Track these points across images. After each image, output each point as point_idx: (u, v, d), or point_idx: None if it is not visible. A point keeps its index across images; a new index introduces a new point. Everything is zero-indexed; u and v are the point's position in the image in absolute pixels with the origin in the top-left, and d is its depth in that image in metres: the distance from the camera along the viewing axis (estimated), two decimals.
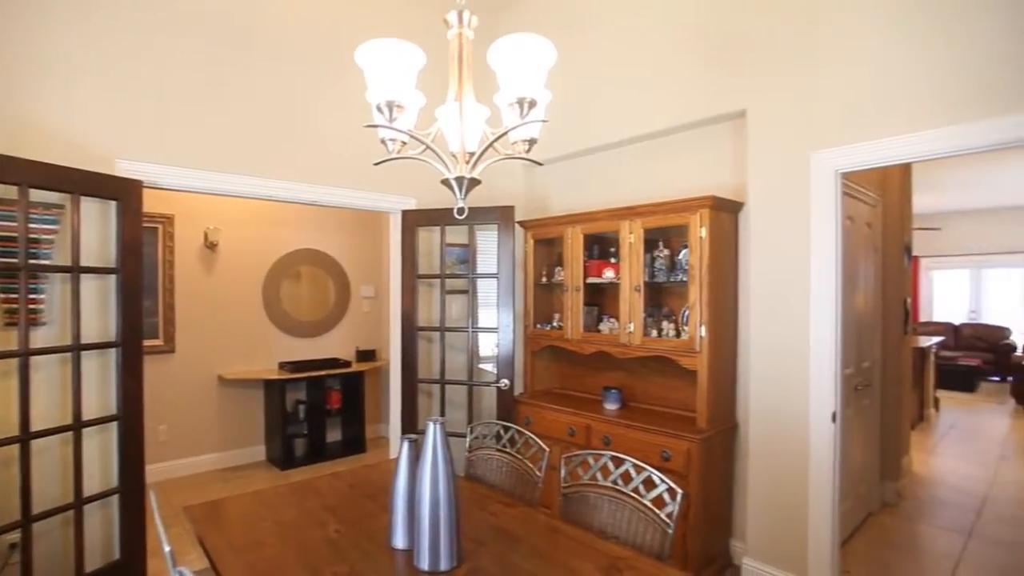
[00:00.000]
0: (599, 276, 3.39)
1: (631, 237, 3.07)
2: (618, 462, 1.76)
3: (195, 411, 4.60)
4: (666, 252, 3.11)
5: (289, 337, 5.09)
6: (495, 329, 3.61)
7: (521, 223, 3.77)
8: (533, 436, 2.14)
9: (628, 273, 3.09)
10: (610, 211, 3.19)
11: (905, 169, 4.01)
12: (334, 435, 5.23)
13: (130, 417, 2.61)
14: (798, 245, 2.62)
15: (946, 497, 3.98)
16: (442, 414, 3.68)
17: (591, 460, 1.83)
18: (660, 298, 3.31)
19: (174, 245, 4.47)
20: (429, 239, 3.87)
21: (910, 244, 4.31)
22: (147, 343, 4.10)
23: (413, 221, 3.73)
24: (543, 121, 1.32)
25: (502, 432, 2.28)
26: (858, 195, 3.23)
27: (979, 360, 8.45)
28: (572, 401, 3.52)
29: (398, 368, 3.78)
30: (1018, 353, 8.52)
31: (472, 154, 1.38)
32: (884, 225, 3.81)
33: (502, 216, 3.58)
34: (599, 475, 1.80)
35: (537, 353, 3.78)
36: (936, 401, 6.77)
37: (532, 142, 1.43)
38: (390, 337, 3.87)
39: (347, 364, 5.08)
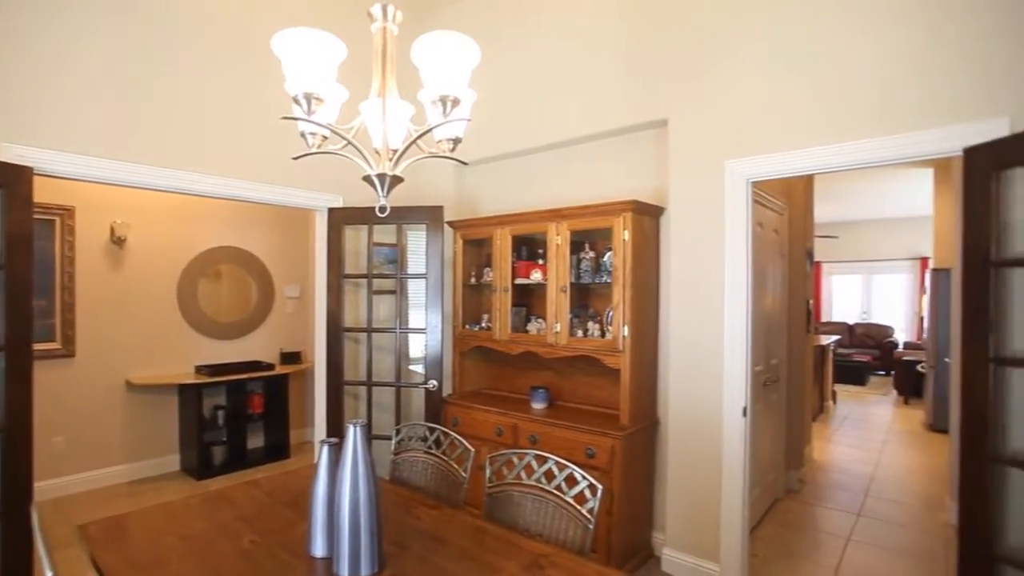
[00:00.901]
0: (527, 277, 3.44)
1: (558, 239, 3.13)
2: (541, 460, 1.79)
3: (98, 420, 4.21)
4: (592, 254, 3.20)
5: (207, 339, 4.79)
6: (423, 330, 3.57)
7: (450, 223, 3.76)
8: (459, 437, 2.13)
9: (555, 274, 3.16)
10: (538, 213, 3.25)
11: (808, 181, 4.35)
12: (256, 441, 4.98)
13: (15, 429, 2.35)
14: (714, 249, 2.78)
15: (840, 481, 4.35)
16: (369, 417, 3.60)
17: (515, 459, 1.85)
18: (586, 299, 3.41)
19: (74, 240, 4.08)
20: (356, 238, 3.77)
21: (812, 250, 4.68)
22: (40, 347, 3.75)
23: (340, 219, 3.62)
24: (466, 120, 1.33)
25: (428, 433, 2.26)
26: (767, 203, 3.47)
27: (869, 356, 9.30)
28: (500, 401, 3.55)
29: (323, 370, 3.65)
30: (900, 350, 9.44)
31: (395, 151, 1.36)
32: (790, 232, 4.11)
33: (431, 216, 3.55)
34: (523, 474, 1.82)
35: (466, 354, 3.78)
36: (834, 394, 7.40)
37: (456, 141, 1.43)
38: (315, 338, 3.74)
39: (270, 367, 4.85)
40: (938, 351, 5.84)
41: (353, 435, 1.31)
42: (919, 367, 6.60)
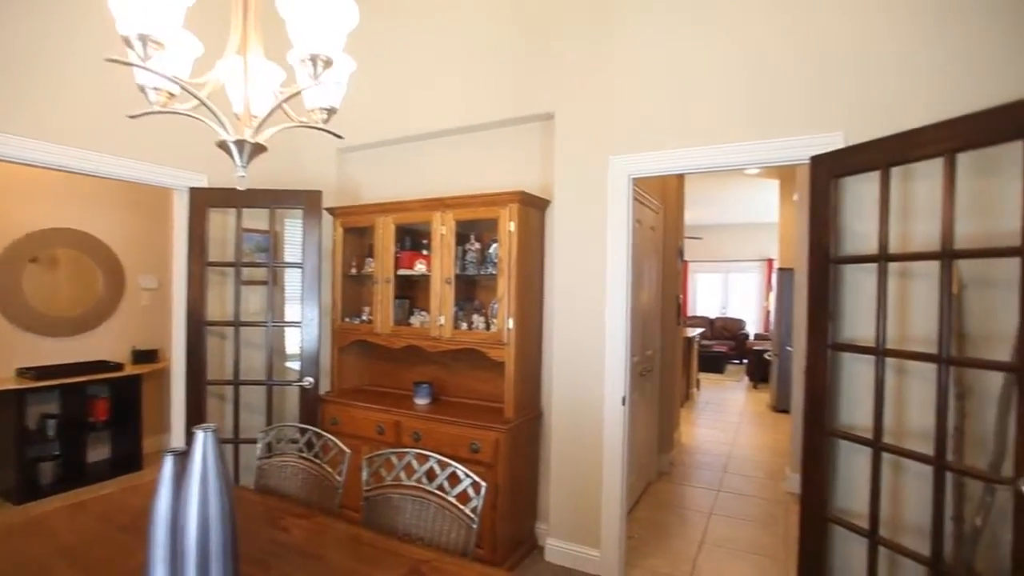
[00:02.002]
0: (411, 268, 3.30)
1: (443, 229, 3.04)
2: (422, 459, 1.70)
3: None
4: (477, 246, 3.15)
5: (36, 337, 4.03)
6: (299, 323, 3.30)
7: (330, 210, 3.51)
8: (332, 438, 1.97)
9: (440, 265, 3.06)
10: (422, 201, 3.13)
11: (680, 183, 4.66)
12: (101, 453, 4.32)
13: None
14: (597, 243, 2.85)
15: (704, 461, 4.74)
16: (236, 419, 3.25)
17: (394, 459, 1.74)
18: (471, 291, 3.35)
19: None
20: (224, 223, 3.38)
21: (683, 248, 5.04)
22: None
23: (203, 200, 3.22)
24: (340, 85, 1.19)
25: (299, 435, 2.07)
26: (645, 201, 3.65)
27: (726, 347, 10.31)
28: (382, 398, 3.38)
29: (182, 369, 3.23)
30: (751, 340, 10.58)
31: (257, 117, 1.19)
32: (664, 230, 4.38)
33: (308, 201, 3.28)
34: (403, 474, 1.71)
35: (345, 349, 3.55)
36: (698, 382, 8.08)
37: (331, 112, 1.28)
38: (173, 334, 3.29)
39: (118, 367, 4.21)
40: (782, 341, 6.60)
41: (202, 443, 1.13)
42: (766, 355, 7.42)
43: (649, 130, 2.70)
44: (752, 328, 11.36)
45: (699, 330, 8.47)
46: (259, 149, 1.19)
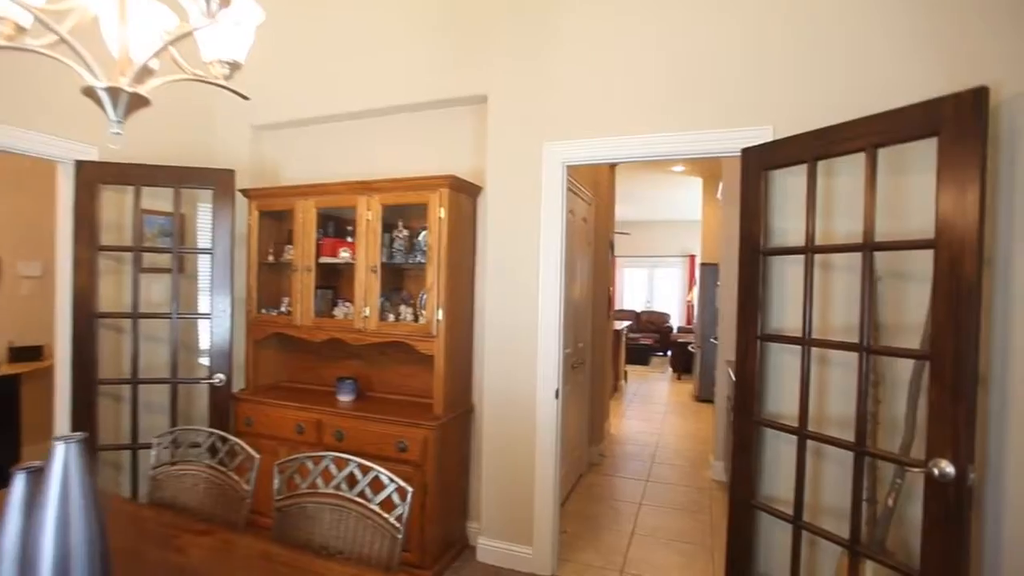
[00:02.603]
0: (334, 256, 3.09)
1: (369, 214, 2.85)
2: (342, 463, 1.54)
3: None
4: (406, 232, 2.98)
5: None
6: (208, 315, 3.00)
7: (244, 192, 3.21)
8: (239, 441, 1.76)
9: (365, 253, 2.87)
10: (347, 184, 2.92)
11: (611, 176, 4.69)
12: None
13: None
14: (530, 231, 2.76)
15: (632, 451, 4.82)
16: (135, 422, 2.91)
17: (310, 464, 1.57)
18: (399, 281, 3.18)
19: None
20: (121, 203, 3.01)
21: (613, 242, 5.09)
22: None
23: (93, 176, 2.83)
24: (236, 25, 1.01)
25: (203, 439, 1.84)
26: (579, 192, 3.62)
27: (651, 339, 10.65)
28: (303, 395, 3.15)
29: (67, 366, 2.84)
30: (674, 333, 10.99)
31: (138, 63, 0.99)
32: (596, 222, 4.38)
33: (219, 181, 2.98)
34: (320, 481, 1.55)
35: (262, 342, 3.28)
36: (625, 374, 8.27)
37: (234, 66, 1.10)
38: (58, 327, 2.88)
39: None
40: (705, 333, 6.86)
41: (63, 457, 0.93)
42: (690, 347, 7.70)
43: (584, 117, 2.64)
44: (676, 321, 11.80)
45: (627, 323, 8.67)
46: (140, 102, 0.99)
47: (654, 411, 6.46)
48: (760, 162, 2.19)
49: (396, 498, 1.45)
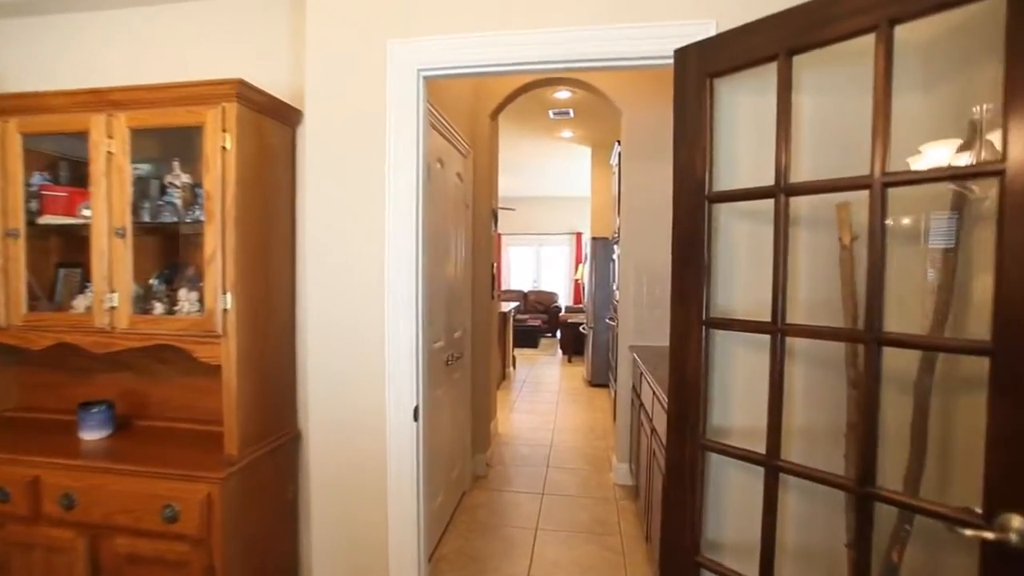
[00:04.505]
0: (71, 214, 1.96)
1: (110, 143, 1.78)
2: None
3: None
4: (185, 178, 1.94)
5: None
6: None
7: None
8: None
9: (106, 206, 1.80)
10: (73, 94, 1.80)
11: (493, 127, 3.87)
12: None
13: None
14: (372, 178, 1.86)
15: (524, 455, 4.13)
16: None
17: None
18: (176, 252, 2.13)
19: None
20: None
21: (497, 211, 4.30)
22: None
23: None
24: None
25: None
26: (450, 137, 2.76)
27: (540, 320, 10.16)
28: (29, 433, 2.01)
29: None
30: (563, 314, 10.61)
31: None
32: (475, 183, 3.56)
33: None
34: None
35: None
36: (514, 359, 7.63)
37: None
38: None
39: None
40: (597, 313, 6.38)
41: None
42: (581, 328, 7.22)
43: (450, 3, 1.78)
44: (563, 301, 11.45)
45: (514, 304, 8.03)
46: None
47: (546, 400, 5.87)
48: (703, 65, 1.48)
49: None
